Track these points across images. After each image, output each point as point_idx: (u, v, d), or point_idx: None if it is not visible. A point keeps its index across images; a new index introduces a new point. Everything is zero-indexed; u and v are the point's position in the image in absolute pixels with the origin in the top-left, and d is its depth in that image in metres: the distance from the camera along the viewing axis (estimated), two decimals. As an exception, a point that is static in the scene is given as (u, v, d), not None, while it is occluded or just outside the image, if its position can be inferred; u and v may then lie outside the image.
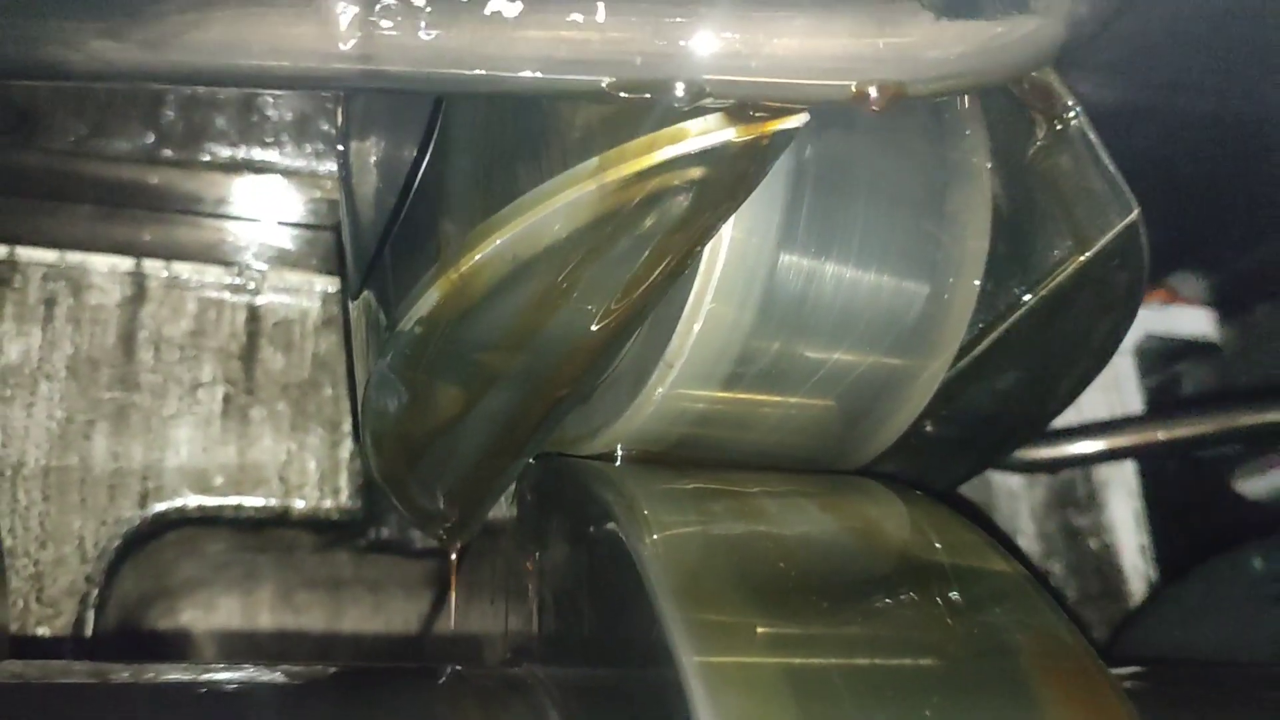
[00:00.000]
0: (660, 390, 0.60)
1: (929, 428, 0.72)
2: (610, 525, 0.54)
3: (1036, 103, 0.63)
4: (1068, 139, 0.63)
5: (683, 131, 0.50)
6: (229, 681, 0.56)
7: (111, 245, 1.08)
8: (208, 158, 1.11)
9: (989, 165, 0.64)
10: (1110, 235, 0.61)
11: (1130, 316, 0.67)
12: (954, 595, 0.53)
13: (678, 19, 0.48)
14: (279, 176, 1.12)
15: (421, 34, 0.46)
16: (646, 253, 0.54)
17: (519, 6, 0.47)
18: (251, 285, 1.10)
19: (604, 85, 0.49)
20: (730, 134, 0.50)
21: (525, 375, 0.59)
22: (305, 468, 1.07)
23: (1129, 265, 0.63)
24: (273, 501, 1.05)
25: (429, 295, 0.54)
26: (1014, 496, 1.29)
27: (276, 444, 1.07)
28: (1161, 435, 1.11)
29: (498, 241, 0.52)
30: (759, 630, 0.50)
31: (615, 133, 0.52)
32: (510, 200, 0.53)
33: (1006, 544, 0.58)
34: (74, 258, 1.06)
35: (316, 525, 1.08)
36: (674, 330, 0.59)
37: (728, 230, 0.57)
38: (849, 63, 0.49)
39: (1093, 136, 0.62)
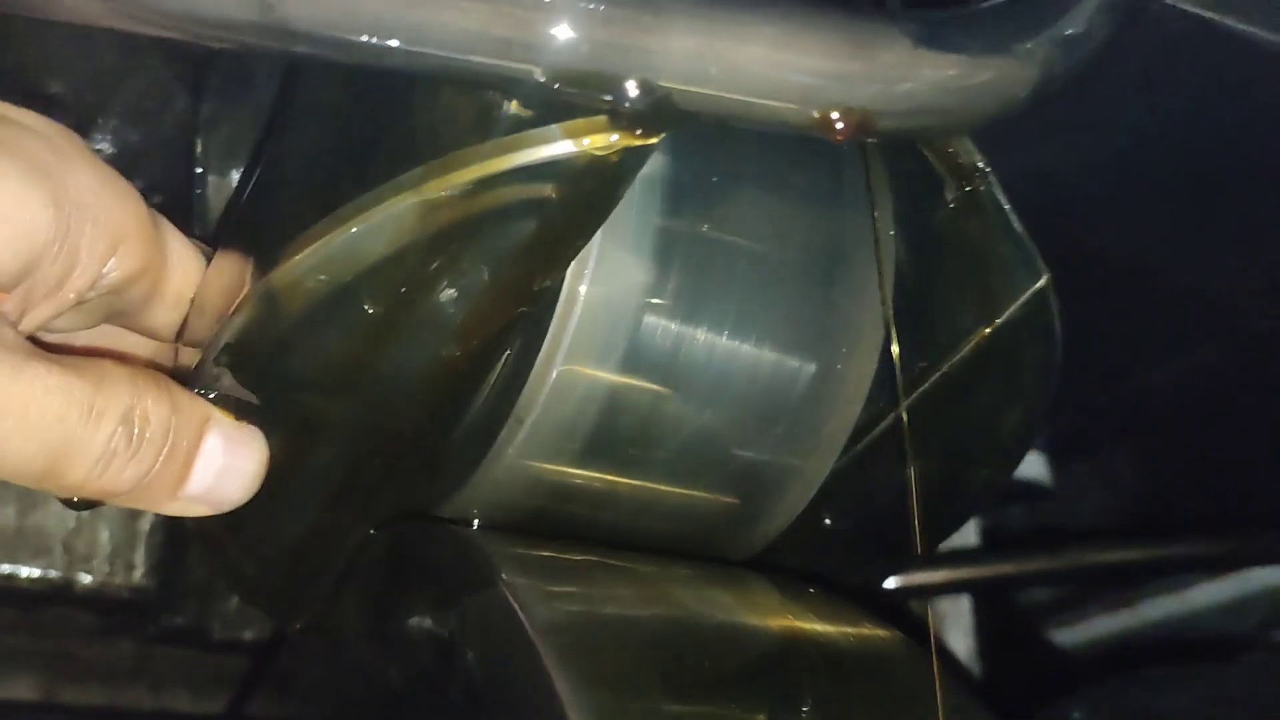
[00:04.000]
0: (510, 450, 0.53)
1: (826, 520, 0.65)
2: (493, 596, 0.47)
3: (949, 164, 0.59)
4: (978, 203, 0.59)
5: (520, 141, 0.44)
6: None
7: None
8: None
9: (893, 231, 0.59)
10: (1019, 302, 0.57)
11: (1042, 404, 0.63)
12: (865, 692, 0.47)
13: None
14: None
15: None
16: (486, 285, 0.48)
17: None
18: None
19: (539, 78, 0.43)
20: (568, 147, 0.44)
21: (358, 424, 0.51)
22: (97, 538, 0.94)
23: (1038, 338, 0.59)
24: (53, 573, 0.92)
25: (233, 321, 0.46)
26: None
27: (65, 508, 0.93)
28: (1010, 569, 1.07)
29: (309, 259, 0.45)
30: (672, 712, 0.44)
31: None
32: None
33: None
34: None
35: (101, 605, 0.94)
36: (526, 385, 0.52)
37: (584, 283, 0.50)
38: (819, 83, 0.45)
39: (1003, 200, 0.58)
